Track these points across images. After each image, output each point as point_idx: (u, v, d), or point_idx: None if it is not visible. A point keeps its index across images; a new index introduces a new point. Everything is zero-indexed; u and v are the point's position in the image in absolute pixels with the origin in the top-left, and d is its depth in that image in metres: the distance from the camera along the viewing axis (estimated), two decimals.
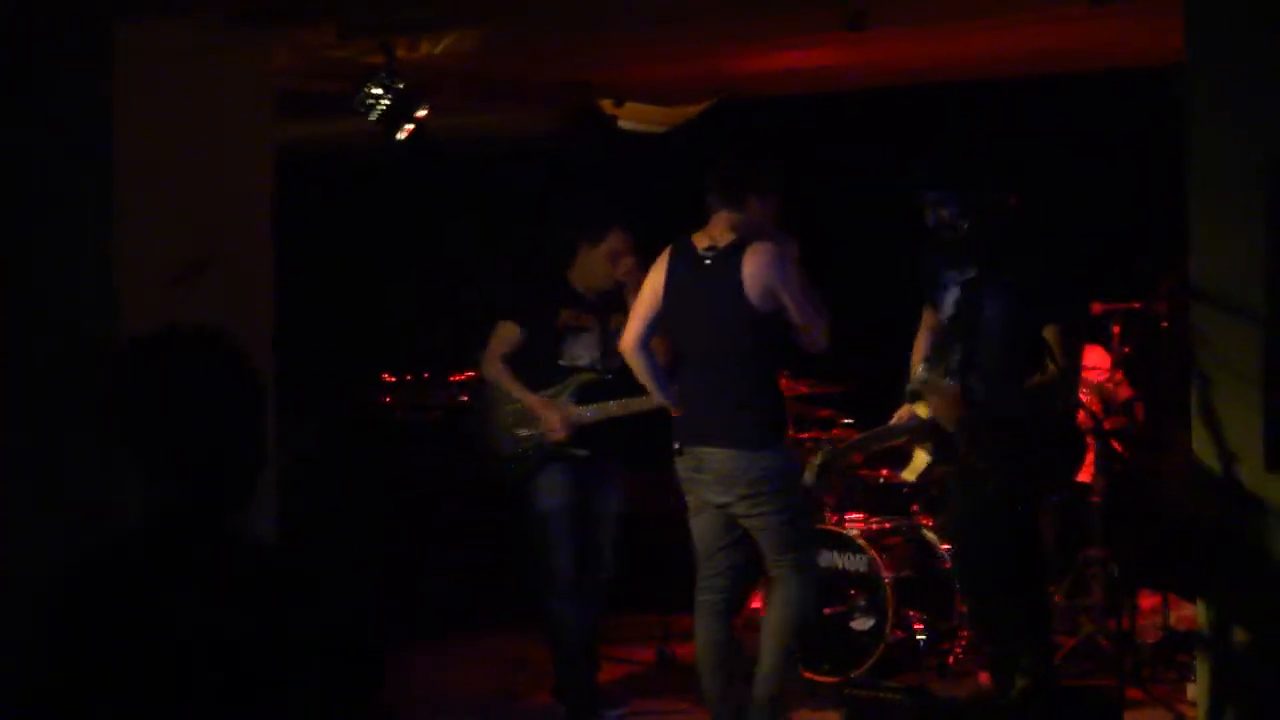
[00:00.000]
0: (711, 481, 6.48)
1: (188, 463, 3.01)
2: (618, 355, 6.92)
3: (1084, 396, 7.78)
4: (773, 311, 6.35)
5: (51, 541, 6.38)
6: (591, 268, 7.44)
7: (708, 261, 6.44)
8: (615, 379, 7.28)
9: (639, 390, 6.96)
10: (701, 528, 6.64)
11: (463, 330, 8.09)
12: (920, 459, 6.51)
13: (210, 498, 3.02)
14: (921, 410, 6.48)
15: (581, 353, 7.44)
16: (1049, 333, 6.38)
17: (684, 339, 6.59)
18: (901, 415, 6.80)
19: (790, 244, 6.46)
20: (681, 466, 6.59)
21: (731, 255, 6.38)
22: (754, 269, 6.33)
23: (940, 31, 8.03)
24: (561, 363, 7.41)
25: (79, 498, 6.58)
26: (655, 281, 6.59)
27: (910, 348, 6.92)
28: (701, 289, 6.44)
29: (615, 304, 7.31)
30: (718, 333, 6.43)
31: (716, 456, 6.44)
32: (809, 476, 6.60)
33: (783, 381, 8.17)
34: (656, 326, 6.59)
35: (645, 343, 6.60)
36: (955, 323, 6.50)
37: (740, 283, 6.33)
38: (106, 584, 3.01)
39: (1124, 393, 8.25)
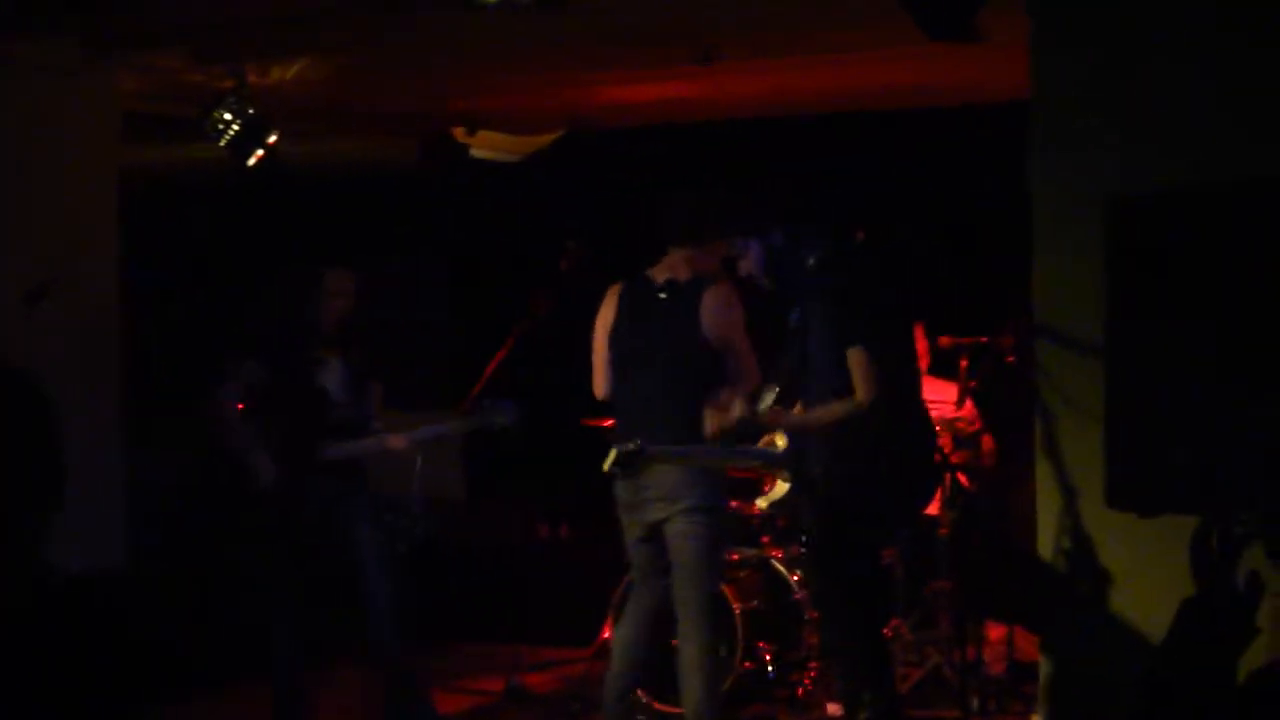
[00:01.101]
0: (654, 499, 6.46)
1: None
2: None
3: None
4: (718, 353, 6.38)
5: None
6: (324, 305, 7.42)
7: (663, 295, 6.42)
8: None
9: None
10: (641, 553, 6.60)
11: None
12: (780, 489, 6.48)
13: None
14: (780, 441, 6.48)
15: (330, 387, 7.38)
16: (850, 357, 6.18)
17: (630, 368, 6.52)
18: (764, 442, 6.79)
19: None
20: (622, 489, 6.55)
21: (690, 291, 6.38)
22: (714, 306, 6.34)
23: (786, 66, 8.10)
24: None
25: None
26: (606, 319, 6.55)
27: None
28: (654, 321, 6.41)
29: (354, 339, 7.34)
30: (671, 360, 6.38)
31: (665, 475, 6.40)
32: (607, 464, 6.43)
33: None
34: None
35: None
36: (792, 353, 6.52)
37: (698, 318, 6.34)
38: None
39: (972, 426, 8.34)
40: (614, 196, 9.72)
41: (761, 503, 6.46)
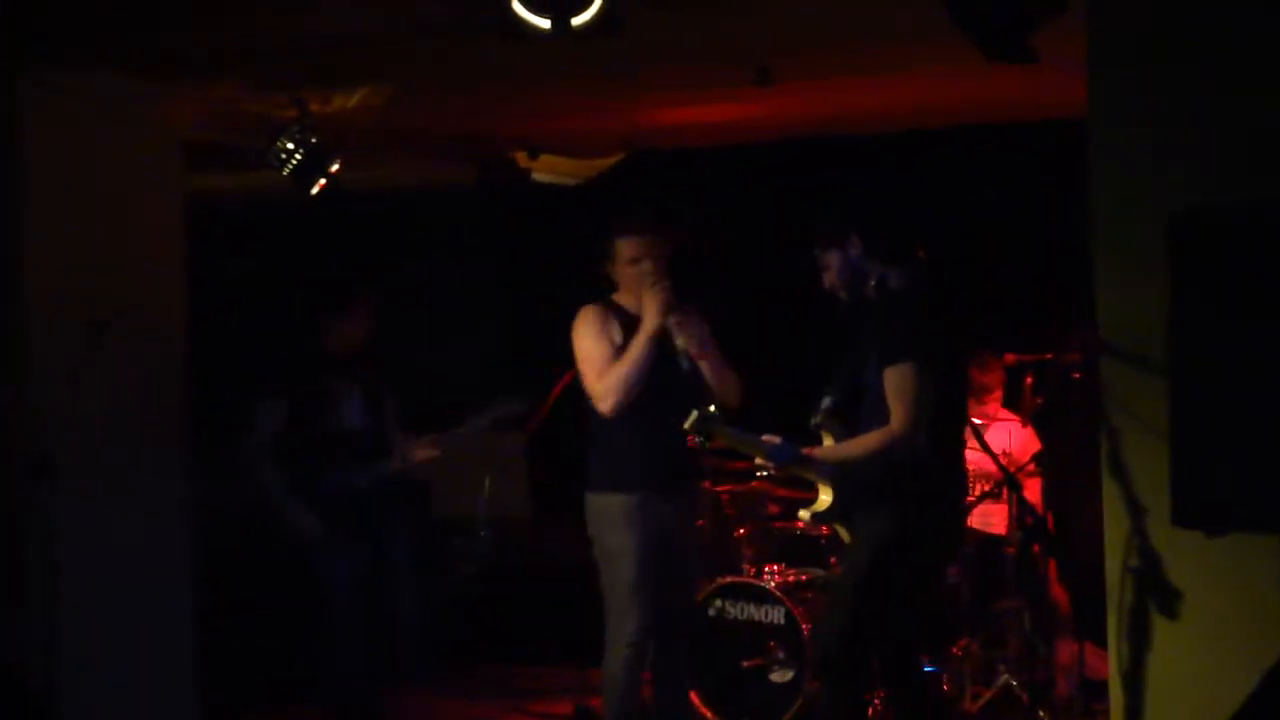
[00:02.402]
0: (662, 529, 6.56)
1: None
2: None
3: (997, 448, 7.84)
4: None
5: None
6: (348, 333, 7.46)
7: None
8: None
9: None
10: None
11: None
12: (823, 500, 6.42)
13: None
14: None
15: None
16: (891, 374, 6.10)
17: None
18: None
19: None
20: (637, 507, 6.58)
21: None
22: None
23: (843, 85, 8.08)
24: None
25: None
26: (614, 336, 6.60)
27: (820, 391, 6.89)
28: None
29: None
30: (663, 387, 6.51)
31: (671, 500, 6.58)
32: (690, 423, 6.43)
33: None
34: None
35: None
36: (839, 368, 6.48)
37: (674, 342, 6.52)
38: None
39: (1034, 445, 8.30)
40: (675, 217, 9.71)
41: (804, 514, 6.42)
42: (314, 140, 7.88)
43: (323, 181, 7.96)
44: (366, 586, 7.22)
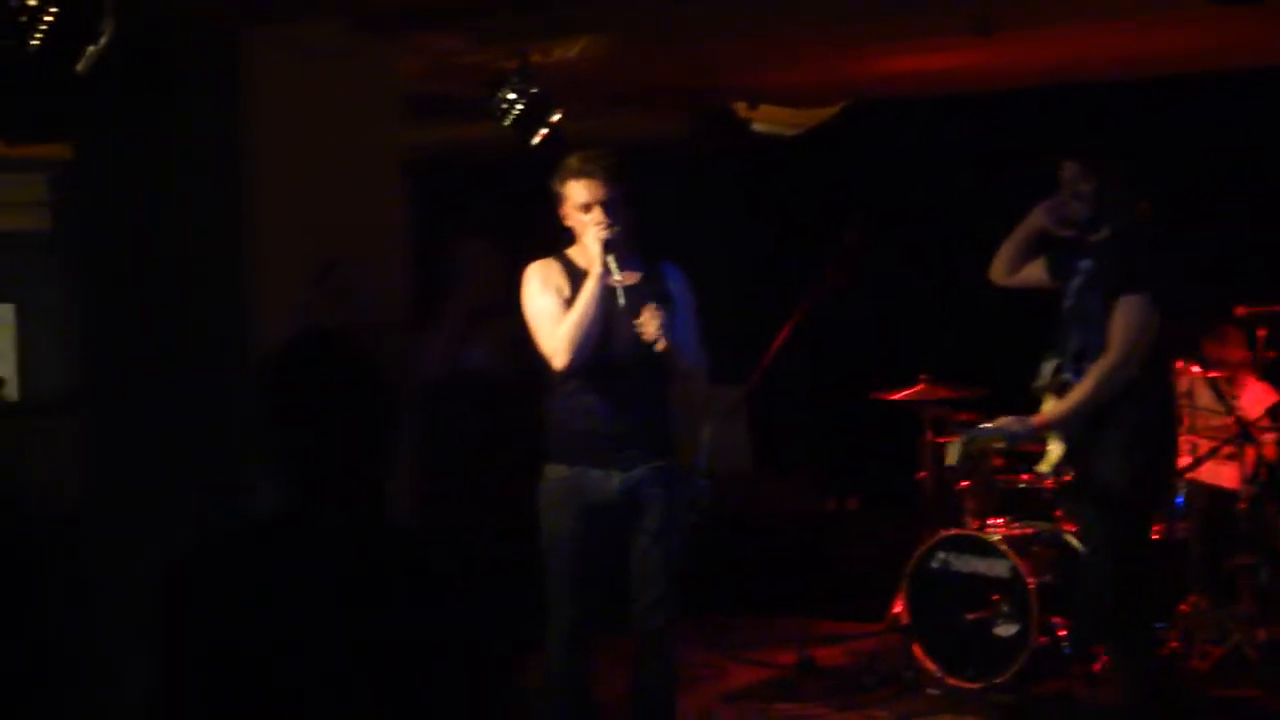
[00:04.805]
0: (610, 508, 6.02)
1: (310, 462, 3.03)
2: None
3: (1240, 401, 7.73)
4: None
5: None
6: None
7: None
8: None
9: None
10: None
11: None
12: (1054, 452, 6.38)
13: (329, 496, 3.04)
14: (1048, 408, 6.41)
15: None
16: (1122, 304, 6.07)
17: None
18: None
19: None
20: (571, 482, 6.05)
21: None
22: None
23: (1066, 34, 7.94)
24: None
25: (213, 496, 6.64)
26: (561, 288, 6.07)
27: (1042, 351, 6.81)
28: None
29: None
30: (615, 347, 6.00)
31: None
32: (951, 457, 6.38)
33: (921, 385, 8.14)
34: None
35: None
36: (1071, 312, 6.40)
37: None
38: (214, 571, 3.03)
39: (1270, 398, 8.12)
40: (897, 169, 9.65)
41: (1043, 467, 6.36)
42: (535, 91, 7.91)
43: (544, 131, 7.99)
44: None
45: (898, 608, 7.86)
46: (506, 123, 7.97)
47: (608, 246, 5.87)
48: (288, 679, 2.92)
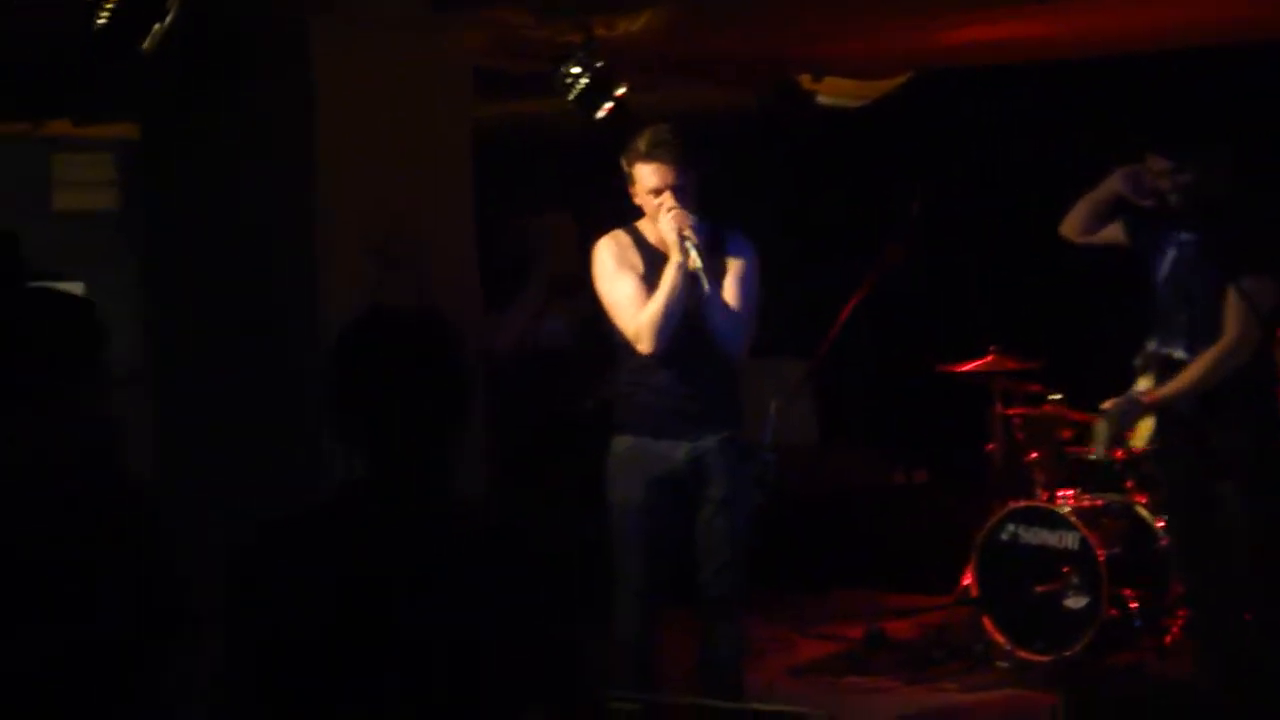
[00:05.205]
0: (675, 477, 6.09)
1: (383, 440, 3.03)
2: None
3: None
4: None
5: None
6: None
7: None
8: None
9: None
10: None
11: None
12: (1146, 424, 6.32)
13: (403, 473, 3.04)
14: (1144, 383, 6.33)
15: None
16: (1236, 290, 5.96)
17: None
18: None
19: None
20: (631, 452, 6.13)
21: None
22: None
23: (1133, 1, 7.86)
24: None
25: (284, 474, 6.66)
26: (636, 265, 6.14)
27: (1114, 323, 6.75)
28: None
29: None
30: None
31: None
32: (1100, 450, 6.34)
33: (990, 356, 8.10)
34: None
35: None
36: (1174, 288, 6.26)
37: None
38: (281, 550, 3.04)
39: None
40: (961, 140, 9.59)
41: (1137, 441, 6.33)
42: (599, 64, 7.90)
43: (609, 106, 7.98)
44: None
45: (967, 580, 7.85)
46: (571, 97, 7.96)
47: (686, 235, 5.88)
48: (359, 659, 2.93)
